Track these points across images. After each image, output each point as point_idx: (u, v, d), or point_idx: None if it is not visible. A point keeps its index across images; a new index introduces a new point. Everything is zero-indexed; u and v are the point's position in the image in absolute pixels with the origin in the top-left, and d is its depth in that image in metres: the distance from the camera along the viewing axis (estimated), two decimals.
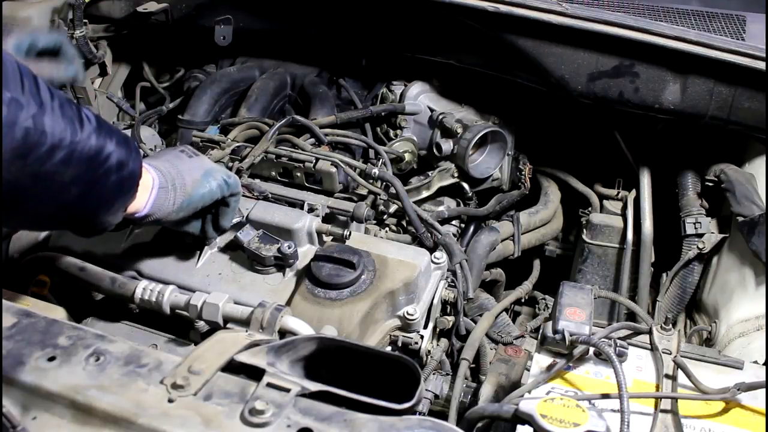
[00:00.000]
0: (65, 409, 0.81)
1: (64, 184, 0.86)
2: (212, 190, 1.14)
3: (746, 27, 1.65)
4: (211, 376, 0.84)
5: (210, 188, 1.14)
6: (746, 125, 1.52)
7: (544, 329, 1.06)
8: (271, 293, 1.22)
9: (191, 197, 1.10)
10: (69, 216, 0.94)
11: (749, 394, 0.96)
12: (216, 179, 1.15)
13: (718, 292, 1.63)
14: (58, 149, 0.83)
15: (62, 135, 0.83)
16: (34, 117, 0.80)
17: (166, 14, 1.85)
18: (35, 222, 0.95)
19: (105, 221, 0.97)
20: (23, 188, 0.83)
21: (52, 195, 0.87)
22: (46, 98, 0.82)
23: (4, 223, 0.97)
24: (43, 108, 0.81)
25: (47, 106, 0.82)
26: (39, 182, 0.84)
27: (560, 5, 1.51)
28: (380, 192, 1.49)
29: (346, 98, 1.88)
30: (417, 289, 1.26)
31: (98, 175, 0.90)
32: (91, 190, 0.91)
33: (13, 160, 0.79)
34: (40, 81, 0.83)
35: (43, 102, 0.82)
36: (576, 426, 0.81)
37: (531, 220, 1.84)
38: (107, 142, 0.90)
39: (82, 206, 0.92)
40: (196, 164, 1.14)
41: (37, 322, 0.92)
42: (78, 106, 0.89)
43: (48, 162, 0.83)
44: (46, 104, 0.82)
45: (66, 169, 0.85)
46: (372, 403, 0.82)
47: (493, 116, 1.81)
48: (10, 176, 0.80)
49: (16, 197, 0.84)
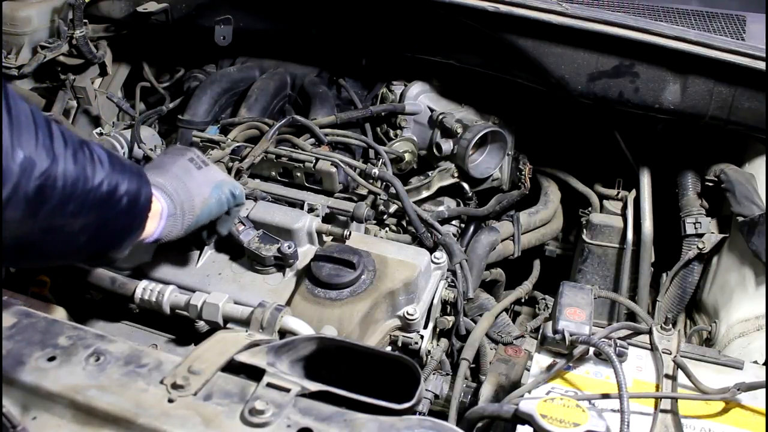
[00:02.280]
0: (65, 409, 0.81)
1: (73, 233, 0.85)
2: (220, 205, 1.15)
3: (746, 27, 1.66)
4: (211, 376, 0.84)
5: (219, 203, 1.14)
6: (746, 125, 1.52)
7: (544, 329, 1.06)
8: (271, 293, 1.22)
9: (199, 218, 1.11)
10: (76, 258, 0.95)
11: (749, 394, 0.96)
12: (224, 193, 1.15)
13: (718, 292, 1.63)
14: (69, 202, 0.82)
15: (73, 187, 0.82)
16: (46, 172, 0.78)
17: (166, 14, 1.85)
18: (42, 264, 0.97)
19: (113, 257, 0.98)
20: (32, 242, 0.82)
21: (60, 244, 0.86)
22: (59, 150, 0.80)
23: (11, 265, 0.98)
24: (55, 161, 0.79)
25: (60, 158, 0.80)
26: (48, 235, 0.82)
27: (560, 5, 1.51)
28: (380, 192, 1.49)
29: (346, 98, 1.88)
30: (417, 289, 1.26)
31: (108, 219, 0.90)
32: (100, 234, 0.90)
33: (23, 219, 0.77)
34: (54, 129, 0.81)
35: (56, 155, 0.79)
36: (576, 426, 0.81)
37: (531, 220, 1.84)
38: (119, 184, 0.89)
39: (91, 249, 0.92)
40: (204, 178, 1.13)
41: (37, 322, 0.92)
42: (91, 149, 0.86)
43: (58, 215, 0.81)
44: (59, 156, 0.80)
45: (76, 219, 0.84)
46: (372, 403, 0.82)
47: (493, 116, 1.82)
48: (19, 233, 0.78)
49: (24, 250, 0.83)
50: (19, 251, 0.83)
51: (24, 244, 0.82)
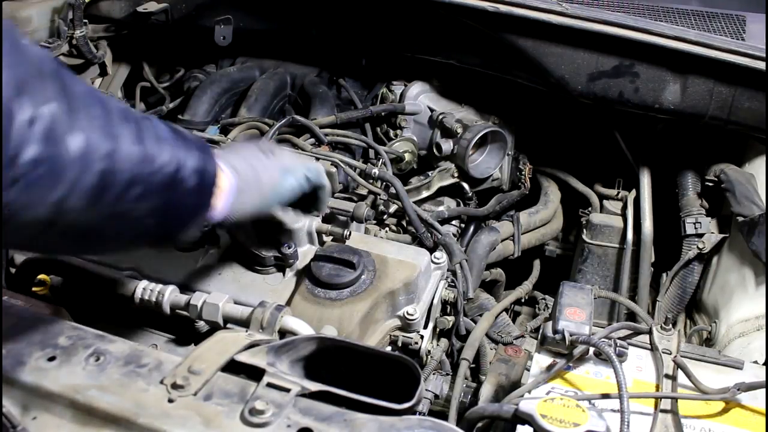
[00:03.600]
0: (65, 409, 0.81)
1: (140, 218, 0.81)
2: (292, 190, 1.12)
3: (746, 27, 1.65)
4: (211, 376, 0.84)
5: (291, 188, 1.11)
6: (746, 125, 1.52)
7: (544, 329, 1.06)
8: (271, 293, 1.22)
9: (268, 199, 1.08)
10: (145, 242, 0.90)
11: (749, 394, 0.96)
12: (296, 177, 1.12)
13: (718, 292, 1.63)
14: (134, 185, 0.77)
15: (137, 169, 0.77)
16: (108, 156, 0.73)
17: (166, 14, 1.85)
18: (110, 253, 0.92)
19: (181, 239, 0.95)
20: (99, 230, 0.79)
21: (128, 230, 0.83)
22: (119, 130, 0.75)
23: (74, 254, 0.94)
24: (117, 143, 0.74)
25: (120, 141, 0.75)
26: (115, 221, 0.79)
27: (560, 5, 1.51)
28: (380, 192, 1.49)
29: (346, 98, 1.88)
30: (417, 289, 1.26)
31: (175, 199, 0.85)
32: (168, 216, 0.86)
33: (88, 207, 0.73)
34: (113, 107, 0.76)
35: (117, 135, 0.75)
36: (576, 426, 0.81)
37: (531, 220, 1.84)
38: (185, 161, 0.84)
39: (159, 232, 0.88)
40: (273, 163, 1.09)
41: (37, 322, 0.92)
42: (153, 125, 0.82)
43: (124, 200, 0.77)
44: (120, 138, 0.75)
45: (142, 203, 0.79)
46: (372, 403, 0.82)
47: (493, 116, 1.82)
48: (84, 220, 0.74)
49: (91, 239, 0.80)
50: (83, 241, 0.80)
51: (88, 233, 0.77)
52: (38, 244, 0.78)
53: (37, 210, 0.68)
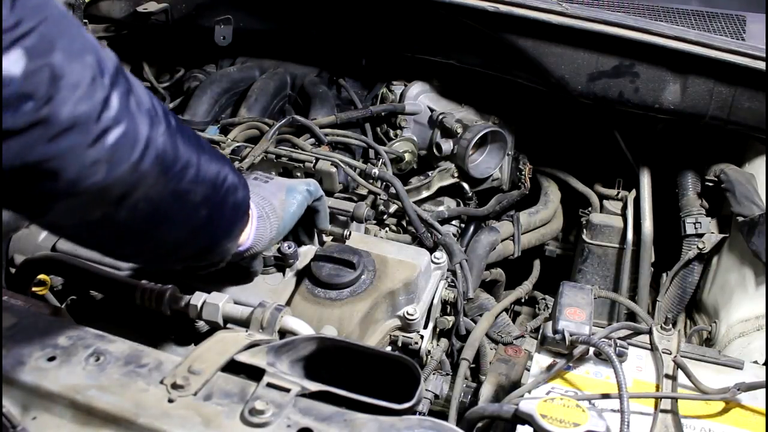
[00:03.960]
0: (65, 409, 0.81)
1: (196, 204, 0.86)
2: (300, 205, 1.16)
3: (746, 27, 1.65)
4: (211, 376, 0.84)
5: (298, 203, 1.15)
6: (746, 125, 1.52)
7: (544, 329, 1.06)
8: (271, 293, 1.22)
9: (284, 220, 1.11)
10: (197, 242, 0.92)
11: (749, 394, 0.96)
12: (299, 192, 1.16)
13: (718, 292, 1.63)
14: (189, 167, 0.82)
15: (190, 154, 0.82)
16: (166, 134, 0.78)
17: (166, 14, 1.85)
18: (168, 249, 0.92)
19: (225, 248, 0.98)
20: (165, 207, 0.82)
21: (186, 215, 0.86)
22: (170, 116, 0.81)
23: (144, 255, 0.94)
24: (171, 125, 0.79)
25: (173, 123, 0.80)
26: (177, 201, 0.83)
27: (560, 5, 1.51)
28: (380, 192, 1.49)
29: (346, 98, 1.88)
30: (417, 289, 1.26)
31: (221, 197, 0.90)
32: (216, 212, 0.90)
33: (157, 176, 0.77)
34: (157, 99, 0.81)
35: (170, 120, 0.80)
36: (576, 426, 0.81)
37: (531, 220, 1.84)
38: (224, 164, 0.90)
39: (209, 230, 0.92)
40: (275, 187, 1.14)
41: (37, 322, 0.92)
42: None
43: (184, 179, 0.81)
44: (172, 121, 0.80)
45: (197, 187, 0.84)
46: (372, 403, 0.82)
47: (493, 116, 1.82)
48: (154, 194, 0.78)
49: (158, 218, 0.82)
50: (154, 221, 0.82)
51: (159, 210, 0.81)
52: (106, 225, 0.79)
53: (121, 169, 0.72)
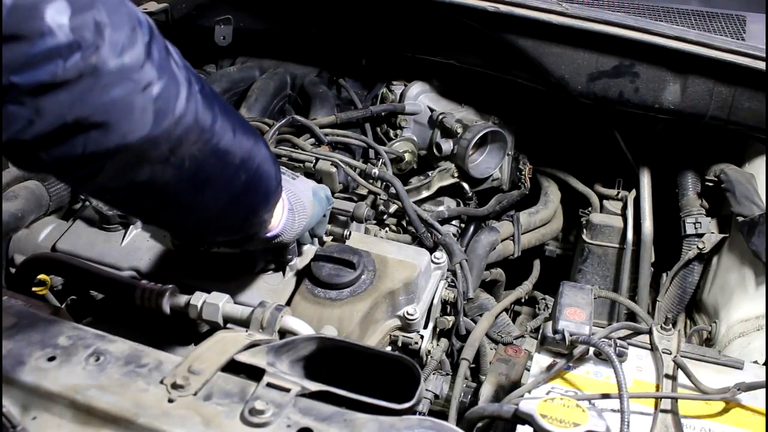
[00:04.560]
0: (65, 409, 0.81)
1: (236, 167, 0.86)
2: (322, 207, 1.18)
3: (746, 27, 1.65)
4: (211, 376, 0.84)
5: (321, 204, 1.17)
6: (746, 125, 1.52)
7: (544, 329, 1.06)
8: (271, 293, 1.22)
9: (310, 219, 1.12)
10: (238, 208, 0.93)
11: (749, 394, 0.96)
12: (321, 195, 1.18)
13: (718, 292, 1.63)
14: (226, 129, 0.83)
15: (225, 117, 0.83)
16: (201, 91, 0.79)
17: (166, 14, 1.85)
18: (210, 216, 0.92)
19: (261, 221, 0.98)
20: (208, 168, 0.83)
21: (227, 179, 0.87)
22: (204, 84, 0.82)
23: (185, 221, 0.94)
24: (204, 85, 0.81)
25: (206, 89, 0.81)
26: (219, 161, 0.83)
27: (560, 5, 1.51)
28: (380, 192, 1.49)
29: (346, 98, 1.88)
30: (417, 289, 1.26)
31: (256, 164, 0.90)
32: (253, 178, 0.91)
33: (200, 133, 0.78)
34: None
35: (201, 81, 0.81)
36: (576, 426, 0.81)
37: (531, 220, 1.84)
38: (255, 135, 0.91)
39: (248, 196, 0.92)
40: (303, 184, 1.15)
41: (37, 322, 0.92)
42: None
43: (223, 139, 0.82)
44: (206, 87, 0.81)
45: (236, 150, 0.85)
46: (372, 403, 0.82)
47: (493, 116, 1.82)
48: (198, 152, 0.79)
49: (202, 178, 0.83)
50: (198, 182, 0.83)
51: (203, 168, 0.81)
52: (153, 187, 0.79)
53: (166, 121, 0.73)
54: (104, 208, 1.31)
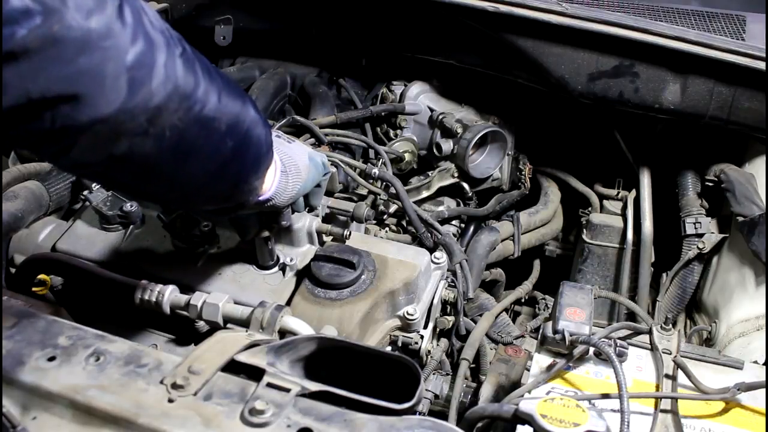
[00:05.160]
0: (65, 409, 0.81)
1: (222, 133, 0.82)
2: (318, 172, 1.14)
3: (746, 27, 1.65)
4: (211, 376, 0.84)
5: (317, 169, 1.13)
6: (746, 125, 1.52)
7: (544, 329, 1.06)
8: (271, 293, 1.22)
9: (305, 183, 1.08)
10: (226, 176, 0.89)
11: (749, 394, 0.96)
12: (317, 161, 1.14)
13: (718, 292, 1.63)
14: (210, 94, 0.79)
15: (210, 81, 0.80)
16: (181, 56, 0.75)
17: (166, 14, 1.85)
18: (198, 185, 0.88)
19: (252, 186, 0.94)
20: (191, 137, 0.79)
21: (213, 147, 0.83)
22: (183, 42, 0.78)
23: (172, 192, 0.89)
24: (186, 50, 0.77)
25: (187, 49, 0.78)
26: (203, 129, 0.80)
27: (560, 5, 1.51)
28: (380, 192, 1.49)
29: (346, 98, 1.88)
30: (417, 289, 1.26)
31: (245, 129, 0.86)
32: (242, 144, 0.87)
33: (180, 101, 0.75)
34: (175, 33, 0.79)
35: (184, 46, 0.78)
36: (576, 426, 0.81)
37: (531, 220, 1.84)
38: (243, 97, 0.87)
39: (236, 163, 0.88)
40: (299, 149, 1.10)
41: (37, 322, 0.92)
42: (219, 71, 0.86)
43: (206, 105, 0.79)
44: (186, 48, 0.78)
45: (221, 116, 0.81)
46: (372, 403, 0.82)
47: (493, 116, 1.82)
48: (179, 122, 0.75)
49: (186, 148, 0.79)
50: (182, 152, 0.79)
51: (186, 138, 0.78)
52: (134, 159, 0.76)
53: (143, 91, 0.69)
54: (104, 208, 1.31)
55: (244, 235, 1.19)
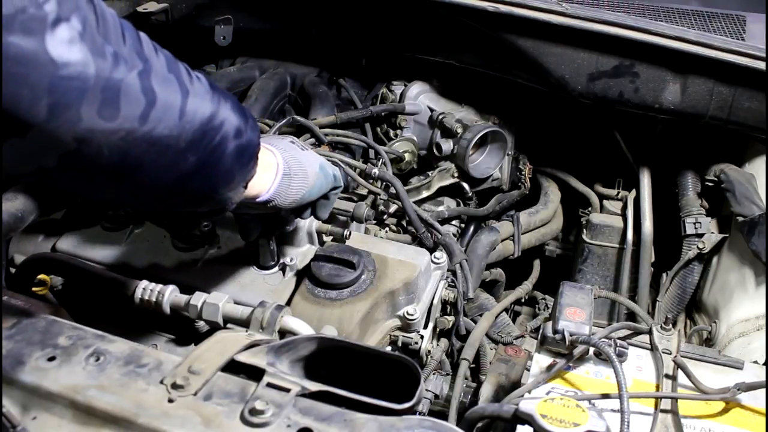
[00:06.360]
0: (65, 409, 0.81)
1: (179, 150, 0.77)
2: (328, 183, 1.12)
3: (746, 27, 1.65)
4: (211, 376, 0.84)
5: (327, 179, 1.12)
6: (746, 125, 1.52)
7: (544, 329, 1.06)
8: (271, 293, 1.22)
9: (311, 189, 1.07)
10: (188, 189, 0.84)
11: (749, 394, 0.96)
12: (329, 172, 1.13)
13: (718, 292, 1.63)
14: (168, 110, 0.74)
15: (172, 96, 0.75)
16: (139, 75, 0.70)
17: (166, 14, 1.84)
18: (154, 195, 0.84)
19: (225, 197, 0.90)
20: (137, 154, 0.73)
21: (168, 163, 0.77)
22: (151, 55, 0.73)
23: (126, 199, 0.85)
24: (148, 65, 0.72)
25: (153, 64, 0.73)
26: (152, 148, 0.74)
27: (560, 5, 1.51)
28: (380, 192, 1.49)
29: (346, 98, 1.88)
30: (417, 289, 1.26)
31: (215, 143, 0.81)
32: (209, 158, 0.82)
33: (121, 122, 0.70)
34: (142, 37, 0.75)
35: (148, 59, 0.72)
36: (576, 426, 0.81)
37: (531, 220, 1.84)
38: (221, 106, 0.82)
39: (200, 177, 0.83)
40: (311, 156, 1.09)
41: (37, 322, 0.92)
42: (186, 66, 0.80)
43: (160, 126, 0.74)
44: (152, 62, 0.73)
45: (180, 133, 0.76)
46: (372, 403, 0.82)
47: (493, 116, 1.81)
48: (119, 142, 0.70)
49: (131, 165, 0.75)
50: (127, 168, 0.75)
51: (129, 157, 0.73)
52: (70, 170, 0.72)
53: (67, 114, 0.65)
54: None
55: (246, 236, 1.18)
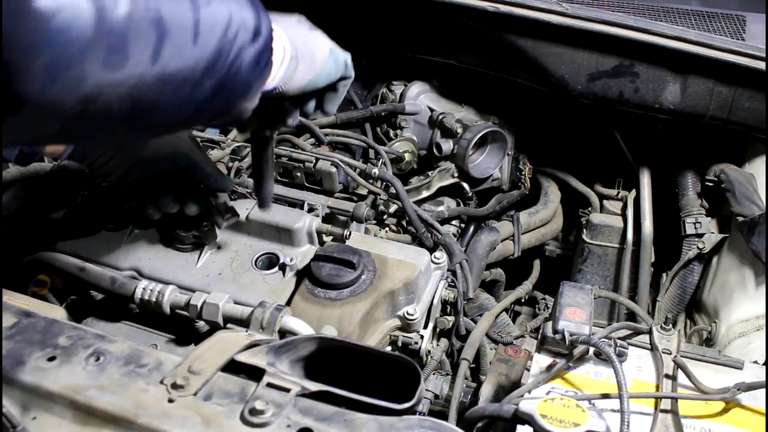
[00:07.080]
0: (65, 409, 0.81)
1: (196, 80, 0.71)
2: (337, 70, 1.01)
3: (746, 27, 1.65)
4: (211, 376, 0.84)
5: (336, 66, 1.00)
6: (746, 125, 1.52)
7: (544, 329, 1.06)
8: (271, 293, 1.22)
9: (318, 75, 0.97)
10: (203, 116, 0.79)
11: (749, 394, 0.96)
12: (339, 58, 1.01)
13: (718, 292, 1.63)
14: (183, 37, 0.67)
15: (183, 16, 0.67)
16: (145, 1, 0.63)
17: None
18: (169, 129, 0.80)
19: (242, 109, 0.84)
20: (150, 97, 0.68)
21: (184, 98, 0.72)
22: None
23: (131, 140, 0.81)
24: None
25: None
26: (167, 87, 0.68)
27: (560, 5, 1.51)
28: (380, 192, 1.49)
29: (346, 98, 1.88)
30: (417, 289, 1.26)
31: (232, 57, 0.74)
32: (225, 78, 0.75)
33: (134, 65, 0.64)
34: None
35: None
36: (576, 426, 0.81)
37: (531, 220, 1.84)
38: (232, 6, 0.74)
39: (218, 100, 0.77)
40: (320, 39, 0.98)
41: (37, 322, 0.92)
42: None
43: (174, 60, 0.67)
44: None
45: (196, 61, 0.70)
46: (372, 403, 0.82)
47: (493, 116, 1.81)
48: (132, 91, 0.65)
49: (145, 109, 0.69)
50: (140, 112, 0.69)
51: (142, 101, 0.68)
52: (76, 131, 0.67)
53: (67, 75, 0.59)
54: None
55: (242, 129, 1.07)
